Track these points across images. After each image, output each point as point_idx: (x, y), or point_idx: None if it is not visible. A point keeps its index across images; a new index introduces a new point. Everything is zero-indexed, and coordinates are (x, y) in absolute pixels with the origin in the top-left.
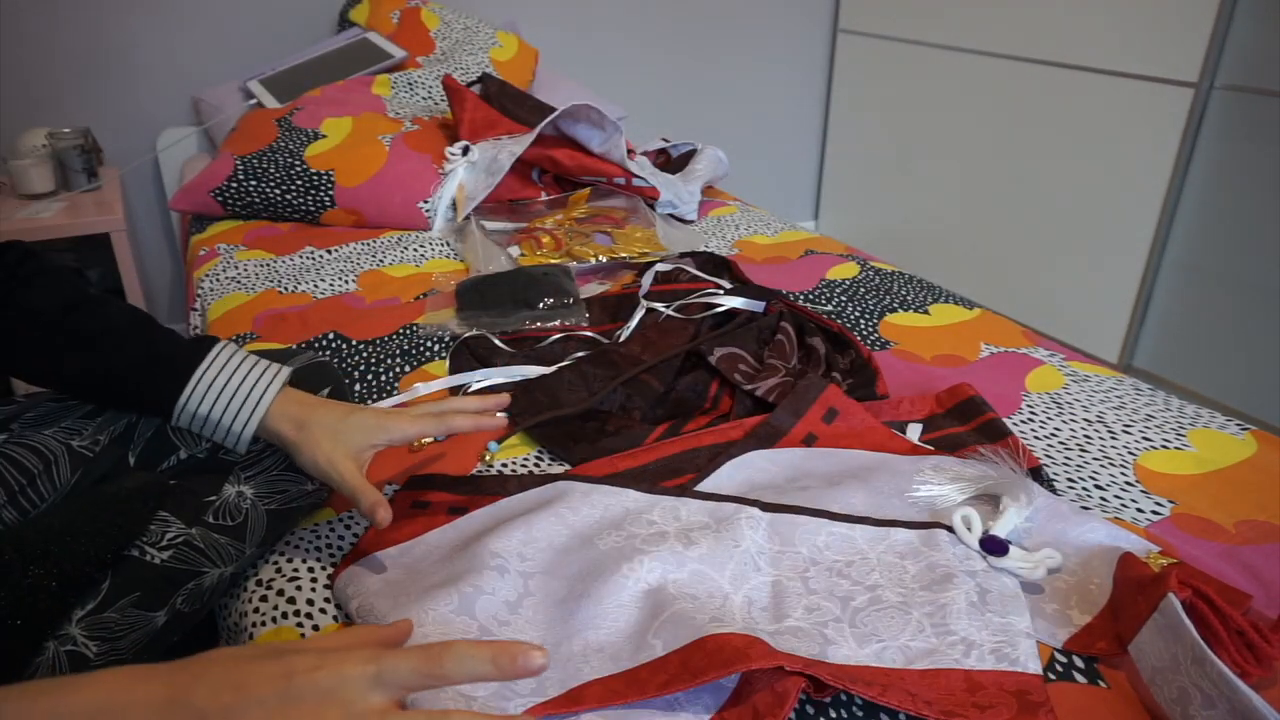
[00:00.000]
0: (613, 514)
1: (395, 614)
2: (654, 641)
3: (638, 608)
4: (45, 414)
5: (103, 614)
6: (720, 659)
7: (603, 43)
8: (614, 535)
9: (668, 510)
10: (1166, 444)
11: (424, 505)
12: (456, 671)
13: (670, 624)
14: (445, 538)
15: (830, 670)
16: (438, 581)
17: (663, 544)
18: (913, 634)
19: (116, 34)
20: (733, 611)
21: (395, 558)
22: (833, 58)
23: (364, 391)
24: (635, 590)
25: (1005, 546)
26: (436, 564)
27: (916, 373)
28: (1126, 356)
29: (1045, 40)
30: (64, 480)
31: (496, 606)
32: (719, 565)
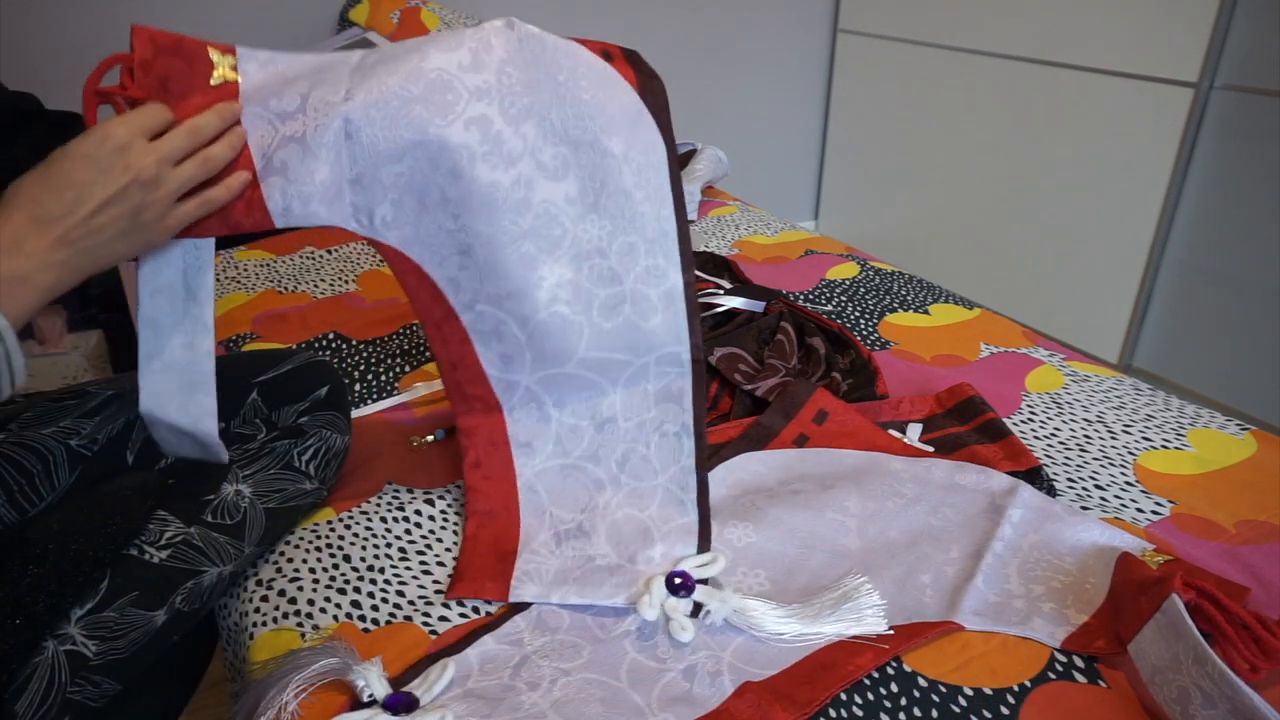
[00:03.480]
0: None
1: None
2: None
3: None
4: (43, 413)
5: (102, 613)
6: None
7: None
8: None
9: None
10: (1166, 444)
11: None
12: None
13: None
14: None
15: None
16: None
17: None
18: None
19: (116, 34)
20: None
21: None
22: (833, 58)
23: (364, 391)
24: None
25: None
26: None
27: (916, 373)
28: (1126, 356)
29: (1045, 40)
30: (62, 480)
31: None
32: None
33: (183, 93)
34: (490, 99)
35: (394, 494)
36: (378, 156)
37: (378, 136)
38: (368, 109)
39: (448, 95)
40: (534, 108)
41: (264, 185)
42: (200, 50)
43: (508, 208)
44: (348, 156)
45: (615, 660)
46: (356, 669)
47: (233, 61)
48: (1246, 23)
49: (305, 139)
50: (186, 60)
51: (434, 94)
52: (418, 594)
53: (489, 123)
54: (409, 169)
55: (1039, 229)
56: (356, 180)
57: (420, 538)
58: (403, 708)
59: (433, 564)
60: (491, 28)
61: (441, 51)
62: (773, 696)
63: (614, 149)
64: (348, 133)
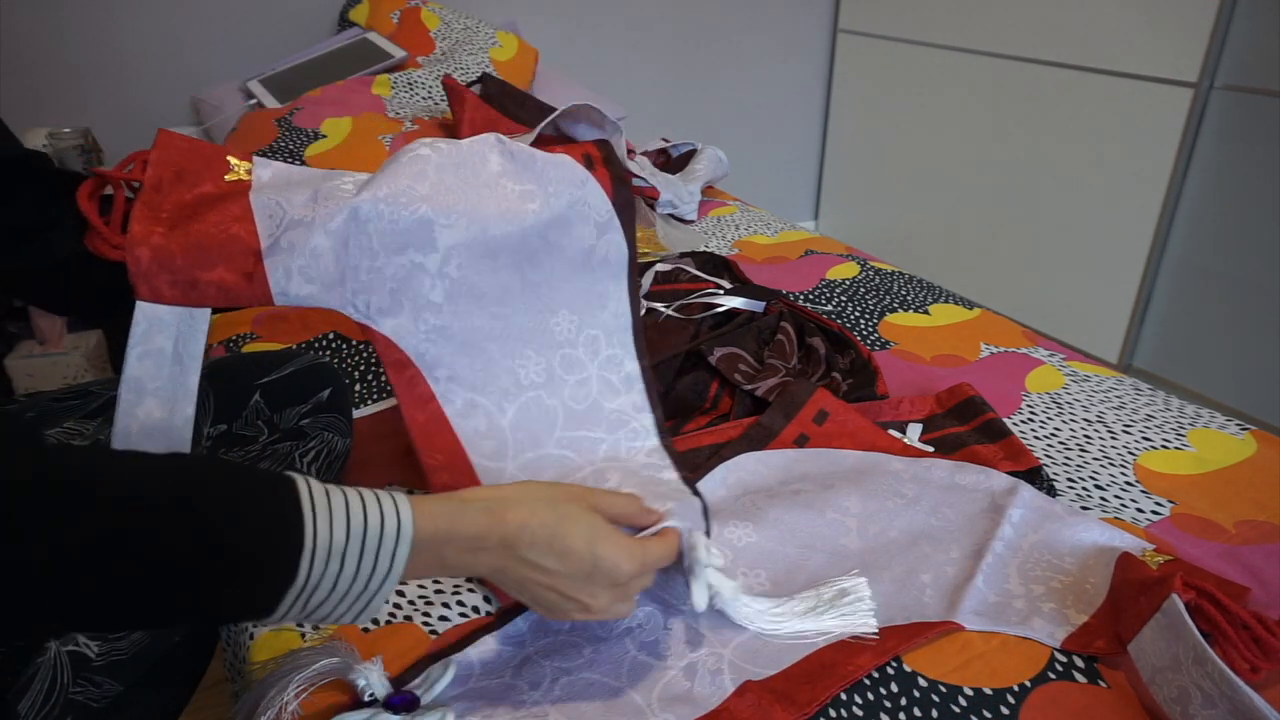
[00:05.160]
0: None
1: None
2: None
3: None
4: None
5: None
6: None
7: (603, 43)
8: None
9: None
10: (1166, 444)
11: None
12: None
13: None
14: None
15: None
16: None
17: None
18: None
19: (116, 34)
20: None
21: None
22: (833, 58)
23: (364, 391)
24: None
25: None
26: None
27: (916, 373)
28: (1126, 356)
29: (1045, 40)
30: None
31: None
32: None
33: (195, 183)
34: (489, 203)
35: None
36: (383, 248)
37: (384, 229)
38: (376, 203)
39: (450, 196)
40: (525, 215)
41: (268, 263)
42: (219, 153)
43: (493, 300)
44: (354, 245)
45: (617, 659)
46: (357, 668)
47: (248, 166)
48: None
49: (313, 224)
50: (204, 159)
51: (438, 194)
52: (418, 594)
53: (486, 225)
54: (410, 261)
55: (1039, 229)
56: (357, 269)
57: None
58: (404, 707)
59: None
60: (486, 142)
61: (442, 158)
62: (773, 696)
63: (594, 253)
64: (355, 223)
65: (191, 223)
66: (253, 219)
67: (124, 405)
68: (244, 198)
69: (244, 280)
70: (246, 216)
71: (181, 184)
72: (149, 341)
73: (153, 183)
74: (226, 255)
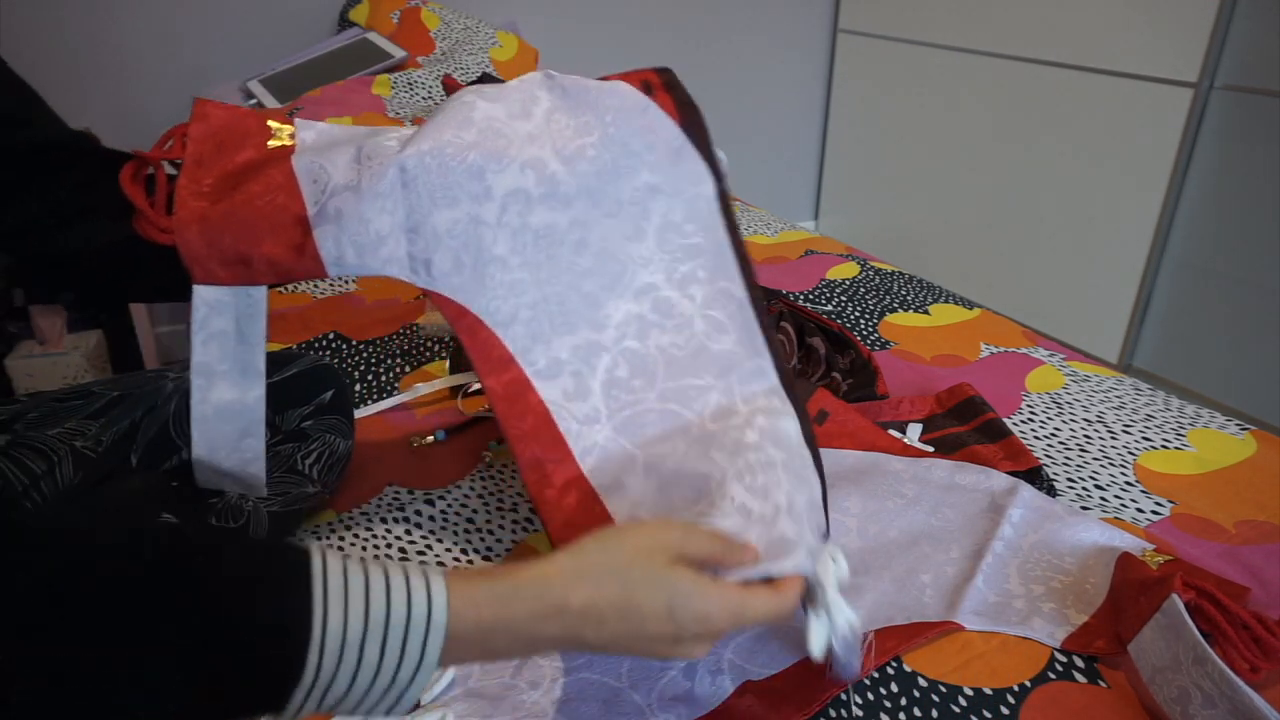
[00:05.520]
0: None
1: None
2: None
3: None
4: (48, 414)
5: None
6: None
7: (603, 43)
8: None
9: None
10: (1166, 444)
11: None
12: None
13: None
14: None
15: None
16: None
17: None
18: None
19: (116, 34)
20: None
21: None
22: (833, 58)
23: (364, 392)
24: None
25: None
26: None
27: (916, 373)
28: (1126, 356)
29: (1045, 40)
30: (67, 481)
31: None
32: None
33: (236, 151)
34: (543, 143)
35: (394, 495)
36: (434, 202)
37: (434, 183)
38: (422, 156)
39: (500, 140)
40: (584, 150)
41: (317, 233)
42: (260, 120)
43: (566, 248)
44: (404, 205)
45: (616, 659)
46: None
47: (291, 130)
48: (1246, 23)
49: (360, 187)
50: (245, 128)
51: (487, 139)
52: None
53: (544, 165)
54: (466, 215)
55: (1039, 229)
56: (414, 229)
57: (420, 538)
58: None
59: (433, 564)
60: (534, 80)
61: (488, 102)
62: (773, 696)
63: (662, 185)
64: (403, 181)
65: (236, 195)
66: (297, 186)
67: (197, 391)
68: (286, 163)
69: (294, 254)
70: (290, 184)
71: (223, 155)
72: (210, 325)
73: (194, 158)
74: (274, 227)
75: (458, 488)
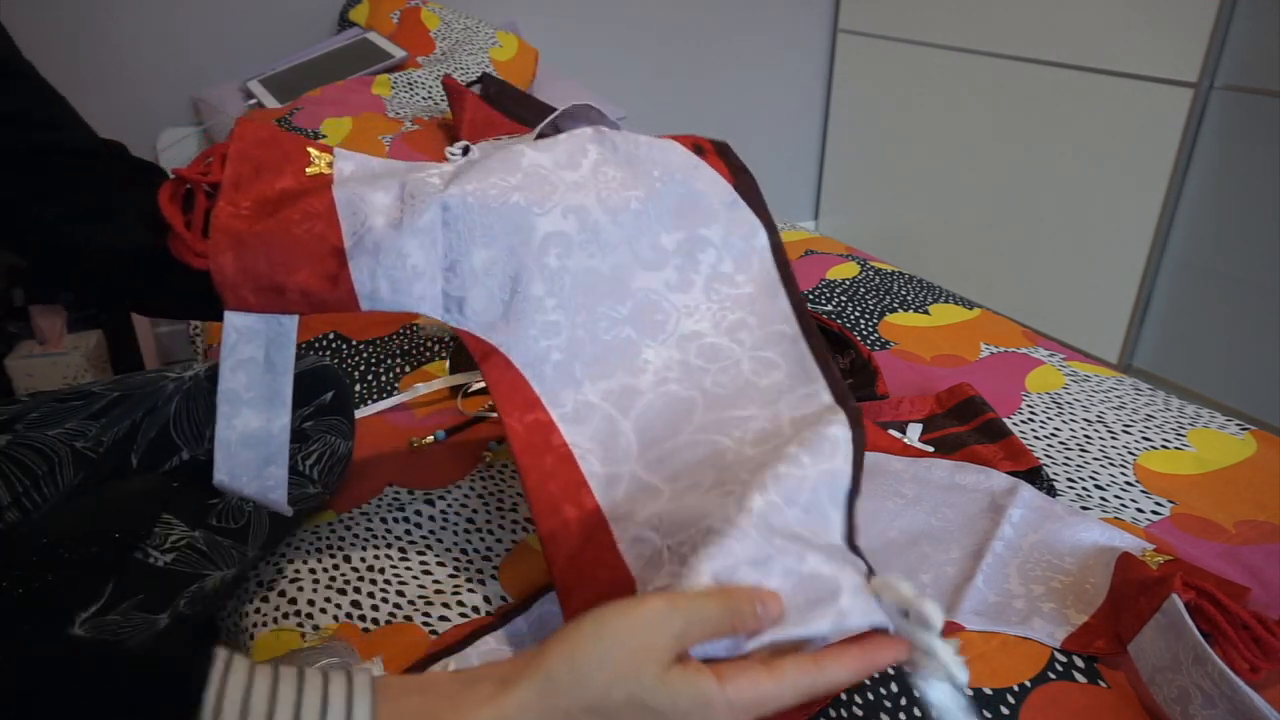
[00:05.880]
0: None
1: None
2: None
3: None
4: (49, 414)
5: (105, 616)
6: None
7: (603, 43)
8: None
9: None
10: (1166, 444)
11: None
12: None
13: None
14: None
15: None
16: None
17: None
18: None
19: (116, 33)
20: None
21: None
22: (833, 58)
23: (364, 392)
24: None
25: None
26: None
27: (916, 373)
28: (1126, 356)
29: (1045, 40)
30: (67, 481)
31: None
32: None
33: (274, 177)
34: (588, 192)
35: (394, 495)
36: (473, 241)
37: (474, 222)
38: (465, 196)
39: (545, 186)
40: (630, 202)
41: (353, 265)
42: (300, 144)
43: (604, 294)
44: (443, 242)
45: None
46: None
47: (329, 159)
48: (1246, 23)
49: (400, 223)
50: (285, 152)
51: (531, 183)
52: (418, 594)
53: (586, 212)
54: (505, 254)
55: (1039, 229)
56: (451, 267)
57: (420, 538)
58: None
59: (433, 564)
60: (584, 134)
61: (537, 151)
62: None
63: (711, 237)
64: (445, 219)
65: (273, 220)
66: (336, 216)
67: (222, 417)
68: (326, 192)
69: (328, 284)
70: (330, 213)
71: (260, 179)
72: (239, 352)
73: (232, 180)
74: (310, 256)
75: (458, 488)
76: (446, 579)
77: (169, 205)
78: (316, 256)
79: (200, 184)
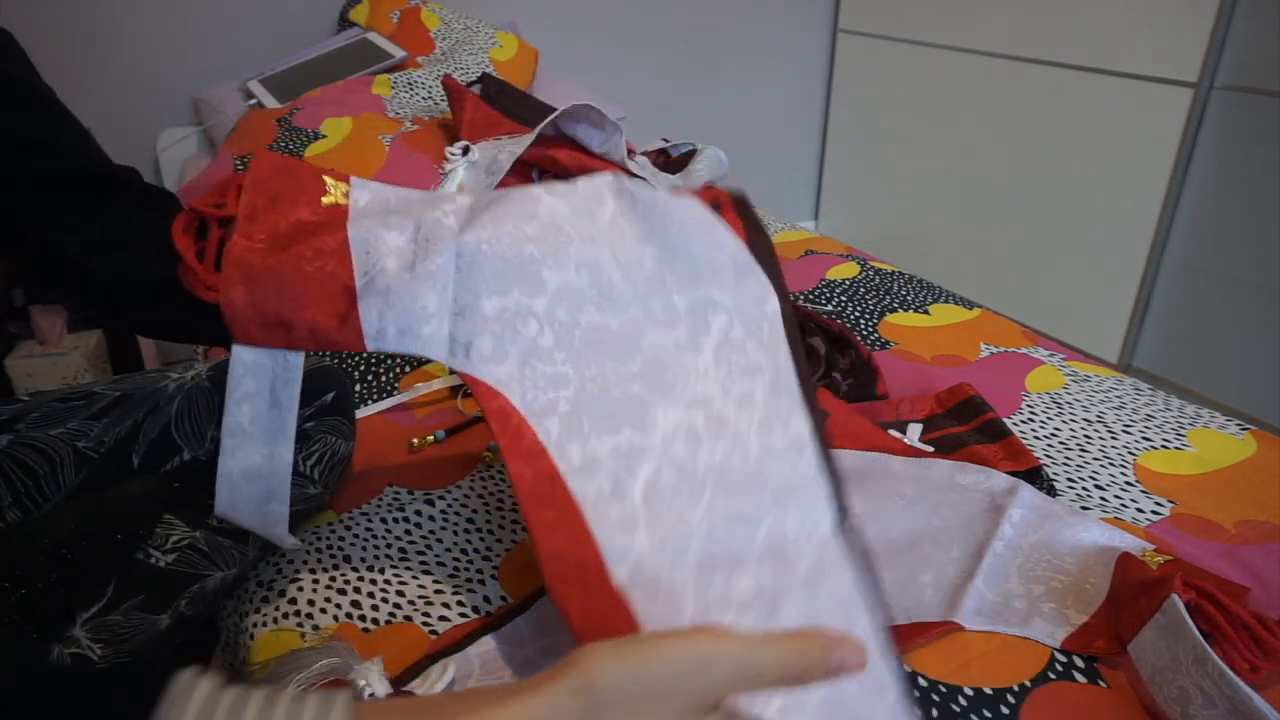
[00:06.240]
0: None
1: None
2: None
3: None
4: (50, 414)
5: (107, 616)
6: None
7: (603, 43)
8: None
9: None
10: (1166, 444)
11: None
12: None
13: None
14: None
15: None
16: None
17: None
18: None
19: (116, 33)
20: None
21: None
22: (833, 58)
23: (364, 392)
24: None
25: None
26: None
27: (917, 373)
28: (1126, 356)
29: (1045, 40)
30: (68, 481)
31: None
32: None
33: (290, 208)
34: (602, 246)
35: (394, 495)
36: (485, 289)
37: (487, 270)
38: (480, 243)
39: (560, 237)
40: (644, 259)
41: (361, 305)
42: (315, 175)
43: (614, 349)
44: (454, 287)
45: None
46: (357, 669)
47: (345, 189)
48: (1246, 23)
49: (414, 266)
50: (301, 182)
51: (547, 234)
52: (418, 594)
53: (600, 268)
54: (516, 304)
55: (1039, 229)
56: (460, 312)
57: (420, 538)
58: None
59: (433, 564)
60: (603, 183)
61: (554, 198)
62: None
63: (724, 300)
64: (458, 265)
65: (285, 255)
66: (349, 255)
67: (226, 450)
68: (341, 229)
69: (337, 323)
70: (342, 252)
71: (276, 210)
72: (245, 386)
73: (247, 212)
74: (320, 294)
75: (458, 488)
76: (446, 579)
77: (182, 237)
78: (327, 295)
79: (214, 217)
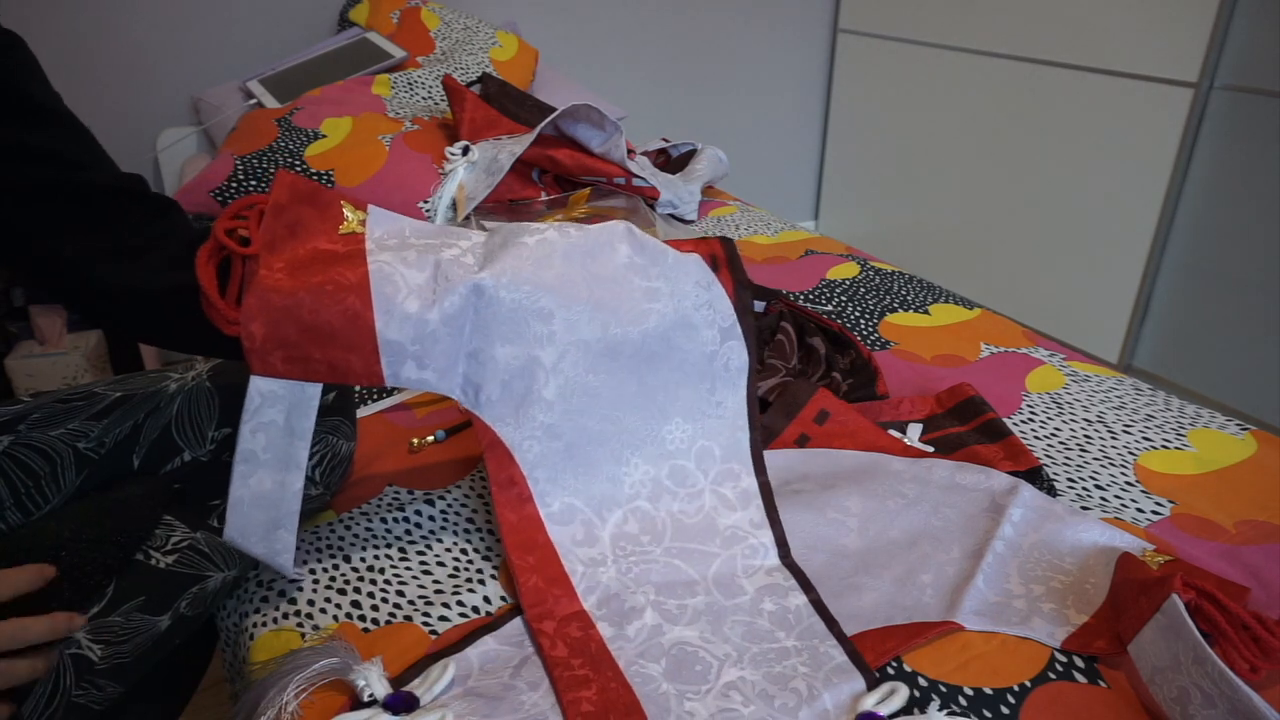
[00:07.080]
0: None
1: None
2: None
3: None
4: (51, 415)
5: (107, 617)
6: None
7: (603, 43)
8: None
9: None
10: (1166, 444)
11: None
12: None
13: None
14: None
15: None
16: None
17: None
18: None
19: (116, 33)
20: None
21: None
22: (833, 58)
23: (364, 391)
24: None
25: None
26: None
27: (917, 373)
28: (1126, 356)
29: (1045, 40)
30: (69, 482)
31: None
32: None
33: (308, 236)
34: (613, 300)
35: (394, 495)
36: (500, 335)
37: (503, 317)
38: (498, 289)
39: (575, 289)
40: (649, 315)
41: (381, 343)
42: (334, 201)
43: (608, 403)
44: (470, 329)
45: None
46: (357, 669)
47: (362, 217)
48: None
49: (432, 305)
50: (319, 209)
51: (564, 286)
52: (418, 594)
53: (608, 325)
54: (526, 353)
55: (1039, 229)
56: (474, 354)
57: (420, 538)
58: (403, 707)
59: (433, 564)
60: (617, 232)
61: (570, 243)
62: None
63: (714, 359)
64: (475, 308)
65: (306, 290)
66: (369, 291)
67: (238, 476)
68: (361, 264)
69: (357, 359)
70: (363, 287)
71: (295, 238)
72: (262, 415)
73: (266, 241)
74: (340, 331)
75: (458, 488)
76: (446, 579)
77: (204, 269)
78: (347, 332)
79: (238, 254)
